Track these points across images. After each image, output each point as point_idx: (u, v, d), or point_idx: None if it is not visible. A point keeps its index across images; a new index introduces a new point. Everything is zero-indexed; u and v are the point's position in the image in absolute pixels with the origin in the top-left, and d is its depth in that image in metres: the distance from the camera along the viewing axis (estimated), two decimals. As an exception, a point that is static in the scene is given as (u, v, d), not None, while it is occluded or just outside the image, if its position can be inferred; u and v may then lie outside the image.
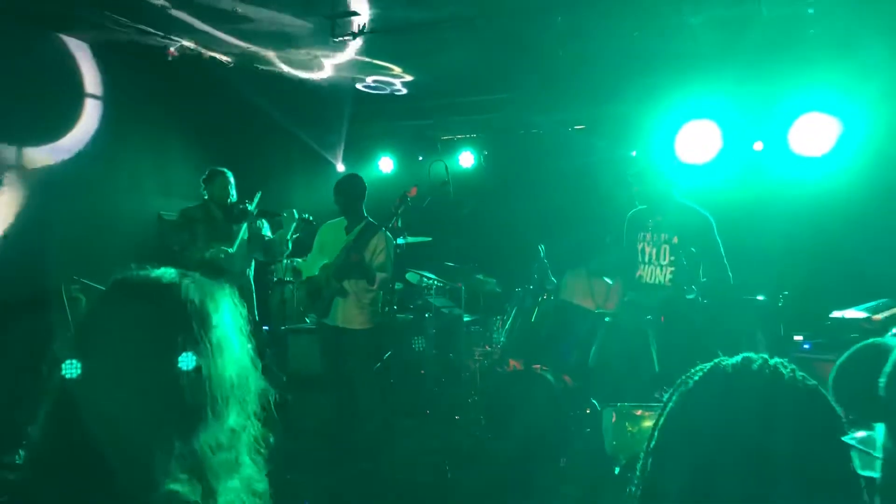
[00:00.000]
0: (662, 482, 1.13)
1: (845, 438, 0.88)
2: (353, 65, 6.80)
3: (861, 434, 0.88)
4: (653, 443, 1.20)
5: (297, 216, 5.70)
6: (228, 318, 1.24)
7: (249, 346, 1.29)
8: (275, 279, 7.41)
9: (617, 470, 3.65)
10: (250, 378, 1.26)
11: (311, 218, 5.77)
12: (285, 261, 7.25)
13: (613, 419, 3.89)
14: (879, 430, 0.86)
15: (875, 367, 0.85)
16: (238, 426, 1.22)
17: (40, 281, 5.29)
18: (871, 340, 0.92)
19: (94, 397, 1.09)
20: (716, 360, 1.16)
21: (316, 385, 6.11)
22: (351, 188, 5.37)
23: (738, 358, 1.14)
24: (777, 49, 6.08)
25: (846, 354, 0.95)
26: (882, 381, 0.84)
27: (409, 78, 7.24)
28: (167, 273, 1.22)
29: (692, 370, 1.20)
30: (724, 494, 1.04)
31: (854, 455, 0.88)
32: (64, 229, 5.92)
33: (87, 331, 1.16)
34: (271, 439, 1.33)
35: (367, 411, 5.35)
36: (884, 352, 0.86)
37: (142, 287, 1.19)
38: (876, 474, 0.85)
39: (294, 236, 5.75)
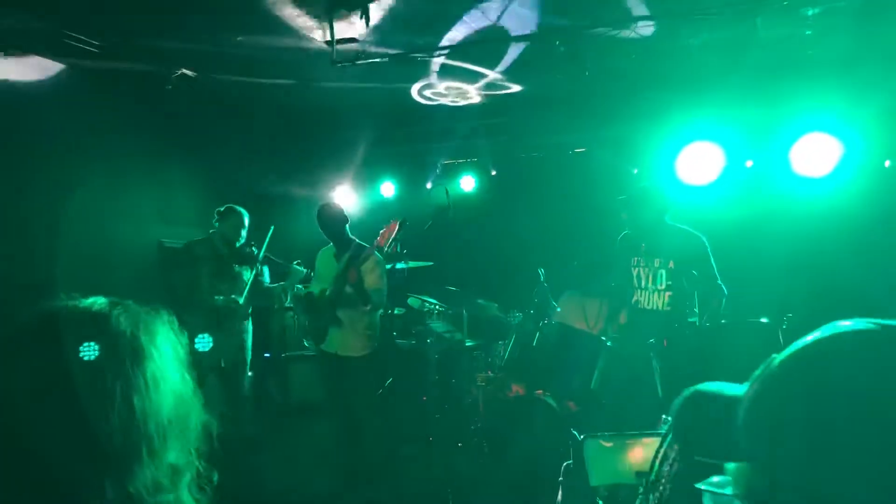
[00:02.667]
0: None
1: (698, 485, 0.86)
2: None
3: (716, 479, 0.86)
4: (653, 475, 1.16)
5: (303, 272, 5.66)
6: (165, 349, 1.17)
7: (189, 377, 1.21)
8: (275, 306, 7.39)
9: (600, 502, 3.54)
10: (191, 412, 1.18)
11: (312, 273, 5.74)
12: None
13: (595, 449, 3.71)
14: (730, 468, 0.85)
15: (720, 411, 0.85)
16: (179, 463, 1.15)
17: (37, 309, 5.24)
18: (697, 388, 0.92)
19: (14, 439, 1.02)
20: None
21: (317, 412, 6.07)
22: (329, 217, 5.31)
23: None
24: (776, 70, 6.09)
25: (680, 404, 0.94)
26: (742, 422, 0.82)
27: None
28: (97, 302, 1.15)
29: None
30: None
31: (706, 500, 0.86)
32: (63, 257, 5.90)
33: (7, 367, 1.08)
34: (215, 477, 1.24)
35: (368, 439, 5.30)
36: (719, 397, 0.85)
37: (69, 319, 1.12)
38: None
39: (292, 290, 5.72)
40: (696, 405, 0.90)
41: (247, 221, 5.63)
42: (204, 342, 5.28)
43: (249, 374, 6.63)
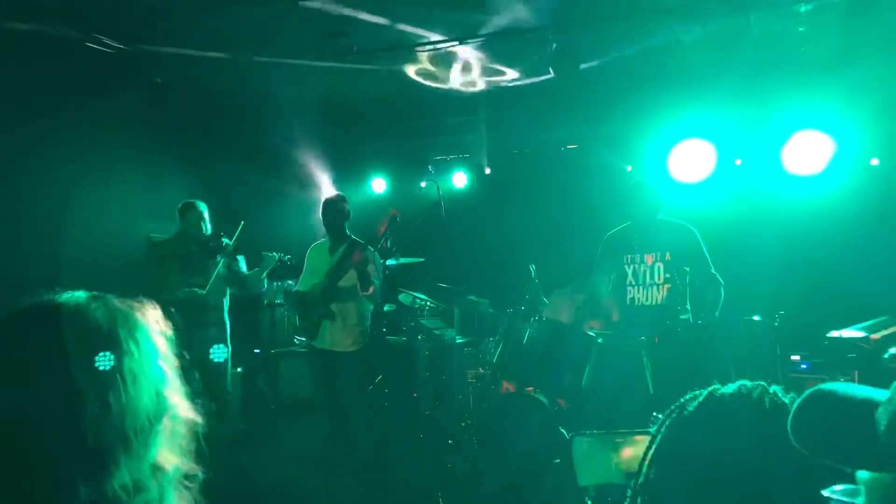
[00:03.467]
0: None
1: (826, 492, 0.83)
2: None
3: (840, 487, 0.82)
4: (641, 479, 1.13)
5: (276, 257, 5.65)
6: (144, 344, 1.12)
7: (174, 372, 1.17)
8: (265, 302, 7.34)
9: (589, 503, 3.49)
10: (174, 408, 1.14)
11: (289, 261, 5.71)
12: (276, 283, 7.19)
13: (584, 448, 3.66)
14: (862, 477, 0.80)
15: (841, 410, 0.81)
16: (161, 461, 1.10)
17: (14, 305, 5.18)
18: (825, 388, 0.87)
19: None
20: (710, 389, 1.11)
21: (307, 409, 6.04)
22: (339, 209, 5.36)
23: (734, 386, 1.09)
24: (769, 66, 6.08)
25: (801, 403, 0.90)
26: (883, 428, 0.78)
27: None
28: (74, 296, 1.10)
29: (683, 398, 1.15)
30: None
31: None
32: (52, 251, 5.85)
33: None
34: (200, 475, 1.20)
35: (359, 436, 5.28)
36: (842, 395, 0.82)
37: (44, 314, 1.07)
38: None
39: (267, 275, 5.69)
40: (822, 405, 0.86)
41: (206, 214, 5.62)
42: (219, 353, 5.30)
43: (238, 370, 6.59)
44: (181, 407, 1.16)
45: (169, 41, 5.74)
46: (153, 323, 1.17)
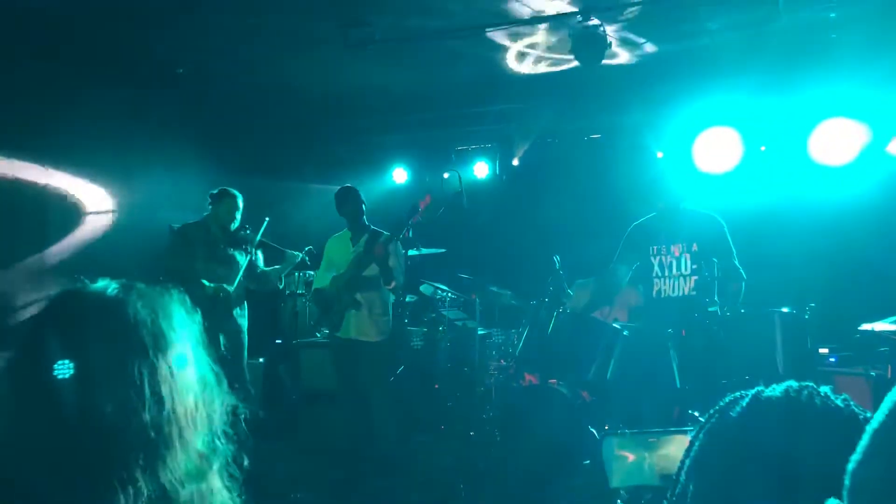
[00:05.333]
0: None
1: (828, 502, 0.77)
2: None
3: None
4: (679, 488, 1.07)
5: (299, 257, 5.63)
6: (185, 333, 1.12)
7: (210, 359, 1.17)
8: (287, 292, 7.33)
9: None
10: (215, 395, 1.15)
11: (310, 251, 5.70)
12: (297, 273, 7.18)
13: (615, 449, 3.58)
14: None
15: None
16: (207, 449, 1.11)
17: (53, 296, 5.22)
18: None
19: (38, 443, 0.98)
20: (755, 391, 1.02)
21: (329, 400, 6.03)
22: (352, 199, 5.40)
23: (780, 388, 1.01)
24: (798, 54, 5.94)
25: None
26: (850, 465, 0.73)
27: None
28: (110, 287, 1.09)
29: (723, 402, 1.06)
30: None
31: None
32: (76, 242, 5.88)
33: (36, 366, 1.02)
34: (245, 461, 1.21)
35: (380, 427, 5.27)
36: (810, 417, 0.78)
37: (90, 308, 1.07)
38: None
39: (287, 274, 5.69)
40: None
41: (241, 204, 5.57)
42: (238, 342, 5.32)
43: (260, 360, 6.60)
44: (223, 393, 1.17)
45: (191, 30, 5.72)
46: (187, 312, 1.16)
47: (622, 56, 6.18)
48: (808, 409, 0.96)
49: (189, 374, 1.10)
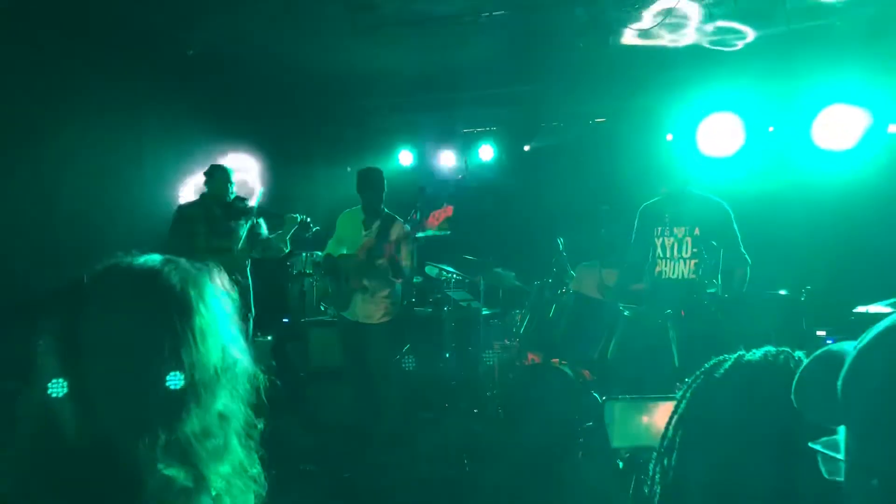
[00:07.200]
0: (685, 481, 1.12)
1: (811, 444, 0.86)
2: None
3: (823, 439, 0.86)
4: (666, 442, 1.18)
5: (298, 219, 5.70)
6: (213, 303, 1.23)
7: (237, 330, 1.28)
8: (294, 272, 7.44)
9: (621, 464, 3.57)
10: (237, 363, 1.25)
11: (310, 223, 5.75)
12: (304, 254, 7.28)
13: (616, 412, 3.76)
14: (841, 433, 0.84)
15: (833, 372, 0.83)
16: (226, 411, 1.22)
17: (57, 277, 5.31)
18: (826, 348, 0.90)
19: (82, 400, 1.10)
20: (737, 354, 1.15)
21: (336, 378, 6.14)
22: (375, 180, 5.41)
23: (760, 352, 1.14)
24: (801, 39, 5.98)
25: (805, 363, 0.93)
26: (839, 384, 0.82)
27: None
28: (150, 260, 1.21)
29: (708, 364, 1.19)
30: (750, 491, 1.04)
31: (820, 460, 0.86)
32: (86, 221, 5.97)
33: (73, 327, 1.13)
34: (260, 425, 1.32)
35: (386, 405, 5.39)
36: (840, 357, 0.84)
37: (126, 278, 1.18)
38: (840, 478, 0.83)
39: (290, 238, 5.75)
40: (819, 364, 0.90)
41: (233, 177, 5.69)
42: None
43: (269, 338, 6.70)
44: (244, 362, 1.27)
45: (201, 12, 5.78)
46: (219, 285, 1.27)
47: (628, 38, 6.22)
48: (784, 370, 1.08)
49: (212, 342, 1.19)
